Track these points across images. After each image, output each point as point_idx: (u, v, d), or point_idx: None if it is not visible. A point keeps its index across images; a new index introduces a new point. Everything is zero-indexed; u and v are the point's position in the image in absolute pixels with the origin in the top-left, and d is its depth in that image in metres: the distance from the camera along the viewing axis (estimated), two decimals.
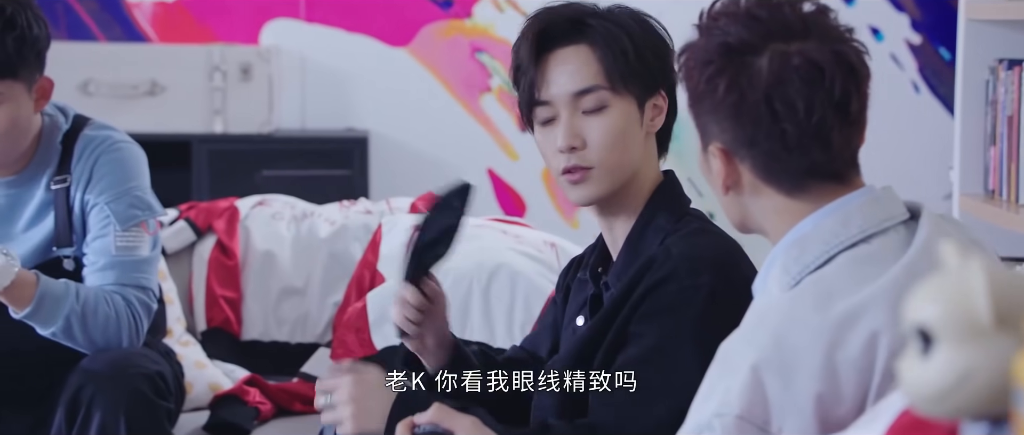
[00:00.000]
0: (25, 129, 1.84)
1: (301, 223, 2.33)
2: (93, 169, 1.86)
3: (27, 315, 1.77)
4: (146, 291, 1.85)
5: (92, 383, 1.76)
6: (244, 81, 3.12)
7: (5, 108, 1.79)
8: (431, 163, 3.38)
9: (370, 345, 1.97)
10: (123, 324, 1.81)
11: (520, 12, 3.37)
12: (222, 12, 3.32)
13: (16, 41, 1.78)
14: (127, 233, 1.85)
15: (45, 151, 1.87)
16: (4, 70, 1.78)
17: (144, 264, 1.86)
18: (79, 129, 1.89)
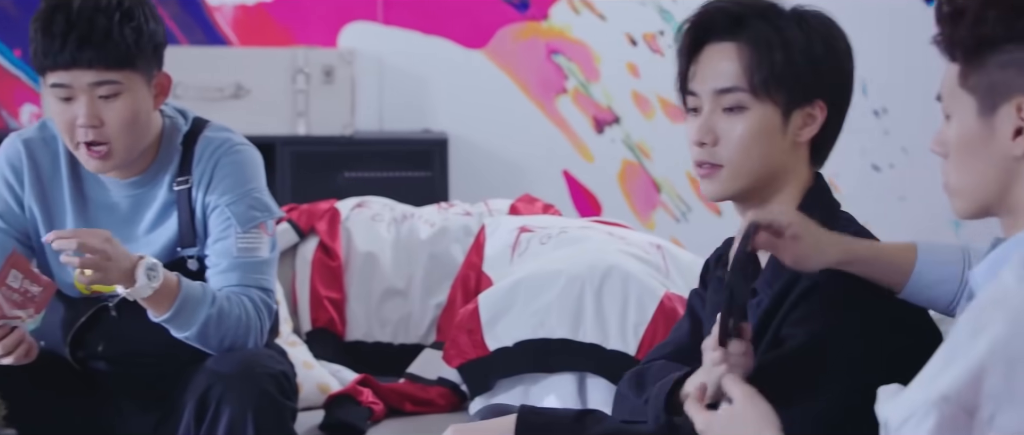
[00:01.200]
0: (146, 123, 1.86)
1: (401, 225, 2.35)
2: (213, 172, 1.89)
3: (166, 319, 1.80)
4: (268, 292, 1.88)
5: (221, 383, 1.78)
6: (327, 83, 3.16)
7: (125, 99, 1.82)
8: (507, 164, 3.40)
9: (482, 346, 1.99)
10: (251, 325, 1.84)
11: (596, 13, 3.40)
12: (302, 15, 3.35)
13: (134, 32, 1.82)
14: (247, 234, 1.88)
15: (166, 152, 1.90)
16: (123, 60, 1.81)
17: (264, 265, 1.89)
18: (198, 131, 1.92)
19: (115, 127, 1.82)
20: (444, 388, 2.10)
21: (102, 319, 1.91)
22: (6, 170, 1.92)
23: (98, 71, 1.79)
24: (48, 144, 1.93)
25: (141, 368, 1.90)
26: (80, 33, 1.78)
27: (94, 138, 1.81)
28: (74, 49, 1.78)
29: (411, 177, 3.19)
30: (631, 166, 3.44)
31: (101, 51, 1.78)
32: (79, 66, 1.79)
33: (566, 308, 1.95)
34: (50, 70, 1.81)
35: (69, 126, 1.83)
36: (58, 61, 1.79)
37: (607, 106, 3.42)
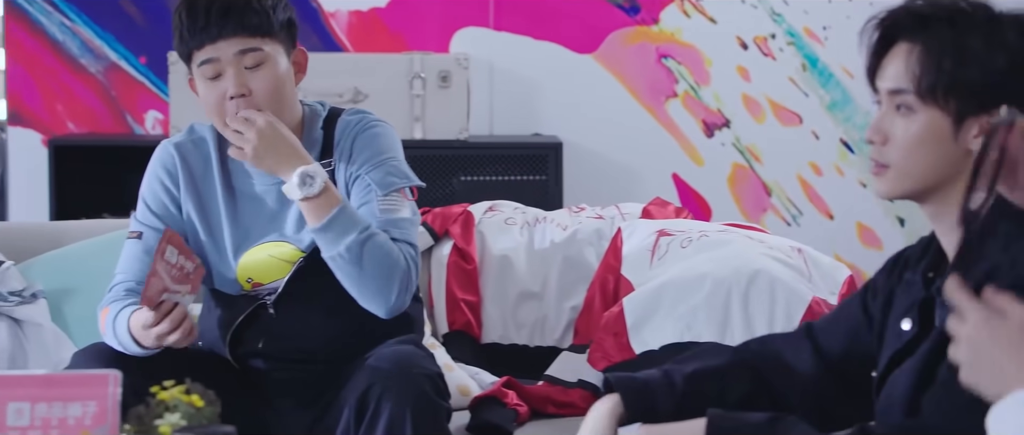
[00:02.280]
0: (289, 97, 1.93)
1: (533, 228, 2.38)
2: (353, 146, 1.95)
3: (322, 227, 1.85)
4: (414, 247, 1.93)
5: (380, 382, 1.82)
6: (442, 88, 3.20)
7: (269, 67, 1.90)
8: (617, 168, 3.42)
9: (628, 349, 2.01)
10: (398, 266, 1.88)
11: (707, 17, 3.40)
12: (415, 21, 3.40)
13: (271, 5, 1.90)
14: (388, 198, 1.93)
15: (308, 138, 1.96)
16: (263, 27, 1.89)
17: (408, 223, 1.94)
18: (336, 116, 1.99)
19: (261, 95, 1.89)
20: (585, 390, 2.12)
21: (260, 317, 1.96)
22: (162, 175, 1.99)
23: (242, 38, 1.88)
24: (198, 146, 1.99)
25: (300, 364, 1.95)
26: (221, 5, 1.87)
27: (244, 106, 1.88)
28: (218, 20, 1.87)
29: (525, 181, 3.22)
30: (741, 169, 3.44)
31: (242, 19, 1.88)
32: (224, 36, 1.87)
33: (713, 312, 1.96)
34: (197, 48, 1.89)
35: (219, 103, 1.90)
36: (204, 36, 1.88)
37: (717, 109, 3.42)
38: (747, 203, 3.44)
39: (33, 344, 2.13)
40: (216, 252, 1.96)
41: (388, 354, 1.89)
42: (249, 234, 1.96)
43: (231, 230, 1.96)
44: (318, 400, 1.95)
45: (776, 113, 3.43)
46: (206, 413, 1.25)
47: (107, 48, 3.32)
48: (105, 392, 1.24)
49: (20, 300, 2.16)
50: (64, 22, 3.30)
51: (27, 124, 3.32)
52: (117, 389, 1.25)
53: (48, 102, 3.32)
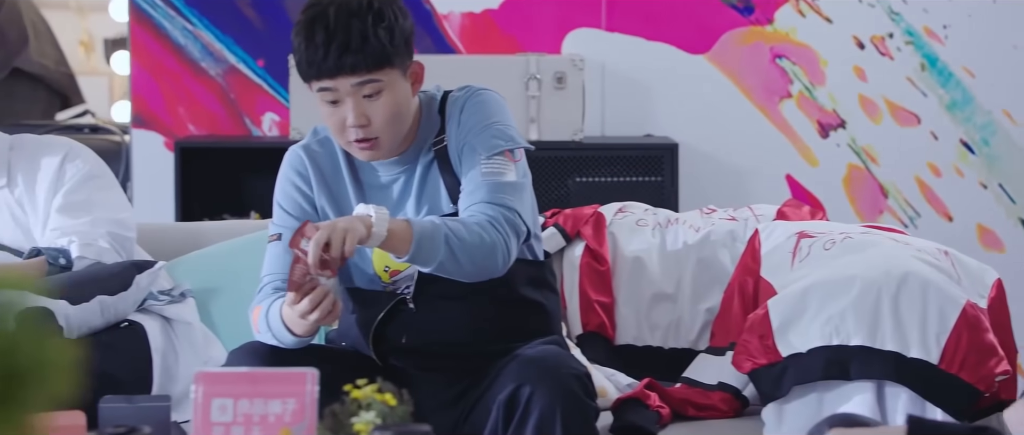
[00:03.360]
0: (407, 112, 1.95)
1: (665, 230, 2.38)
2: (461, 116, 1.97)
3: (412, 257, 1.86)
4: (513, 212, 1.91)
5: (530, 382, 1.84)
6: (558, 89, 3.21)
7: (387, 95, 1.91)
8: (729, 169, 3.41)
9: (775, 352, 2.00)
10: (495, 245, 1.87)
11: (822, 17, 3.37)
12: (527, 23, 3.42)
13: (387, 32, 1.90)
14: (491, 160, 1.93)
15: (426, 124, 1.99)
16: (381, 60, 1.90)
17: (511, 187, 1.93)
18: (449, 97, 2.01)
19: (381, 122, 1.91)
20: (725, 393, 2.12)
21: (401, 312, 1.99)
22: (294, 178, 2.03)
23: (360, 74, 1.89)
24: (324, 146, 2.03)
25: (443, 359, 1.97)
26: (339, 42, 1.87)
27: (363, 135, 1.91)
28: (336, 57, 1.87)
29: (640, 182, 3.22)
30: (857, 170, 3.40)
31: (360, 55, 1.88)
32: (342, 73, 1.88)
33: (862, 315, 1.94)
34: (315, 78, 1.91)
35: (339, 127, 1.93)
36: (322, 70, 1.89)
37: (832, 110, 3.39)
38: (862, 204, 3.41)
39: (183, 342, 2.18)
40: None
41: (536, 354, 1.90)
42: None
43: None
44: (462, 399, 1.97)
45: (893, 113, 3.39)
46: (399, 412, 1.27)
47: (226, 51, 3.38)
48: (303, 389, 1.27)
49: (170, 299, 2.21)
50: (186, 26, 3.36)
51: (150, 126, 3.39)
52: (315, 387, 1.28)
53: (170, 105, 3.39)
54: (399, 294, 1.99)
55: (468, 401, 1.96)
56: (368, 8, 1.88)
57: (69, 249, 2.11)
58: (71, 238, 2.12)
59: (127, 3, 3.38)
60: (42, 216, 2.16)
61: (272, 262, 1.99)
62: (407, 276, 1.99)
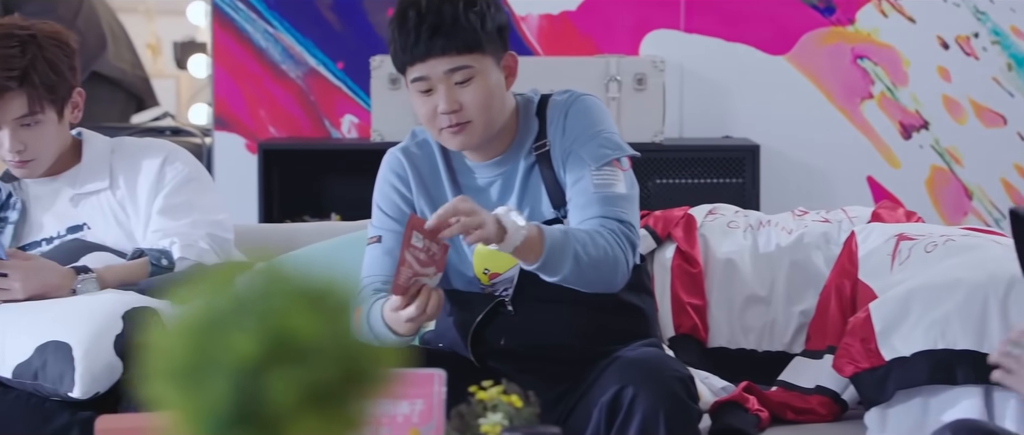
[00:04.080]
0: (500, 104, 1.95)
1: (757, 231, 2.36)
2: (565, 121, 1.97)
3: (540, 266, 1.86)
4: (628, 225, 1.92)
5: (631, 385, 1.84)
6: (638, 91, 3.20)
7: (479, 81, 1.92)
8: (809, 170, 3.38)
9: (877, 355, 1.98)
10: (616, 260, 1.88)
11: (905, 16, 3.34)
12: (605, 24, 3.41)
13: (478, 17, 1.92)
14: (601, 171, 1.94)
15: (524, 126, 2.00)
16: (472, 44, 1.91)
17: (622, 200, 1.94)
18: (548, 99, 2.02)
19: (472, 108, 1.92)
20: (824, 397, 2.10)
21: (499, 314, 1.99)
22: (394, 180, 2.04)
23: (450, 57, 1.90)
24: (422, 148, 2.04)
25: (543, 361, 1.97)
26: (430, 24, 1.89)
27: (455, 121, 1.92)
28: (427, 40, 1.89)
29: (721, 184, 3.20)
30: (940, 172, 3.36)
31: (451, 38, 1.89)
32: (433, 55, 1.90)
33: (968, 319, 1.92)
34: (409, 64, 1.93)
35: (431, 116, 1.93)
36: (415, 54, 1.91)
37: (915, 111, 3.36)
38: (946, 206, 3.36)
39: None
40: (453, 249, 2.00)
41: (638, 356, 1.90)
42: None
43: None
44: (560, 402, 1.97)
45: (978, 114, 3.34)
46: (525, 413, 1.27)
47: (307, 54, 3.41)
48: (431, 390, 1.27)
49: None
50: (268, 29, 3.39)
51: (231, 129, 3.43)
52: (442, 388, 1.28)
53: (251, 107, 3.42)
54: (498, 296, 2.00)
55: (567, 404, 1.96)
56: None
57: (171, 250, 2.13)
58: (173, 240, 2.14)
59: (209, 7, 3.42)
60: (143, 218, 2.19)
61: (371, 264, 2.00)
62: (506, 279, 1.99)
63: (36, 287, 2.01)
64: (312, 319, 0.73)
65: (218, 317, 0.71)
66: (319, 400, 0.73)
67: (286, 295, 0.75)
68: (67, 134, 2.22)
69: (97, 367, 1.92)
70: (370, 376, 0.78)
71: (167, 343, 0.75)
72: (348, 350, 0.77)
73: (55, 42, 2.16)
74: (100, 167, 2.21)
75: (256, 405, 0.70)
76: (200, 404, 0.72)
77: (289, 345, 0.72)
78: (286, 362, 0.71)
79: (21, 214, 2.22)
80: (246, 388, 0.70)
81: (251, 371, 0.70)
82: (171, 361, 0.74)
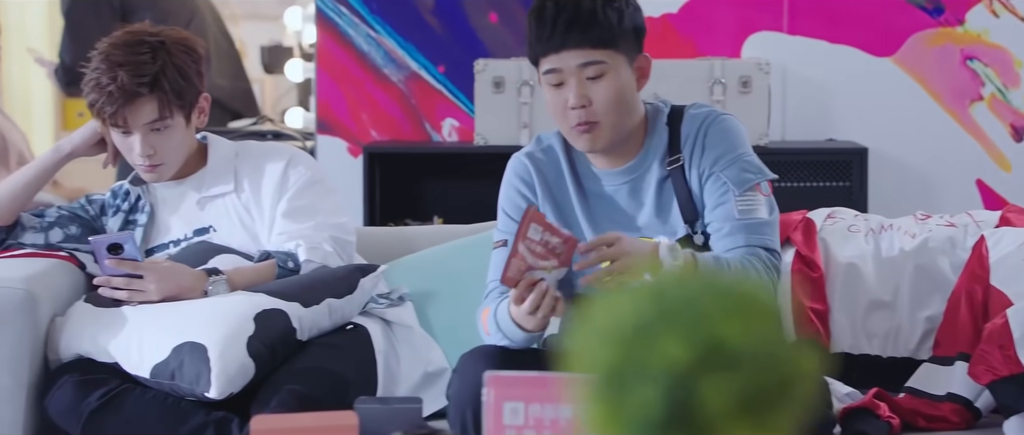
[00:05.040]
0: (630, 103, 1.95)
1: (879, 236, 2.33)
2: (703, 142, 1.95)
3: None
4: (773, 252, 1.92)
5: None
6: (743, 94, 3.18)
7: (610, 78, 1.91)
8: (919, 174, 3.33)
9: (1016, 362, 1.94)
10: (768, 290, 1.87)
11: (1018, 16, 3.27)
12: (707, 26, 3.39)
13: (616, 13, 1.92)
14: (744, 197, 1.93)
15: (653, 136, 1.98)
16: (606, 40, 1.91)
17: (765, 226, 1.93)
18: (681, 111, 2.00)
19: (602, 105, 1.91)
20: (956, 404, 2.06)
21: None
22: (519, 184, 2.04)
23: (584, 51, 1.90)
24: (548, 154, 2.04)
25: None
26: (567, 16, 1.90)
27: (585, 118, 1.92)
28: (562, 32, 1.90)
29: (827, 187, 3.16)
30: None
31: (586, 32, 1.90)
32: (567, 47, 1.90)
33: None
34: (542, 56, 1.93)
35: (561, 110, 1.93)
36: (549, 46, 1.91)
37: None
38: None
39: (404, 345, 2.21)
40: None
41: None
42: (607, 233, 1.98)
43: (590, 231, 1.99)
44: None
45: None
46: None
47: (408, 58, 3.43)
48: None
49: (389, 302, 2.24)
50: (370, 33, 3.42)
51: (333, 132, 3.46)
52: None
53: (353, 111, 3.45)
54: None
55: None
56: None
57: (296, 253, 2.16)
58: (298, 242, 2.16)
59: (314, 12, 3.46)
60: (268, 220, 2.22)
61: (497, 267, 2.00)
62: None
63: (170, 289, 2.05)
64: (741, 325, 0.73)
65: (646, 323, 0.71)
66: (751, 407, 0.73)
67: (713, 301, 0.74)
68: (193, 138, 2.25)
69: (231, 368, 1.94)
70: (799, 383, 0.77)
71: (594, 349, 0.75)
72: (778, 357, 0.77)
73: (184, 48, 2.19)
74: (225, 171, 2.25)
75: (688, 411, 0.70)
76: (630, 409, 0.72)
77: (720, 351, 0.71)
78: (718, 368, 0.71)
79: (149, 217, 2.26)
80: (677, 394, 0.70)
81: (683, 377, 0.70)
82: (599, 366, 0.74)
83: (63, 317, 2.07)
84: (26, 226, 2.22)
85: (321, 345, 2.06)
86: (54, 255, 2.19)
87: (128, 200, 2.28)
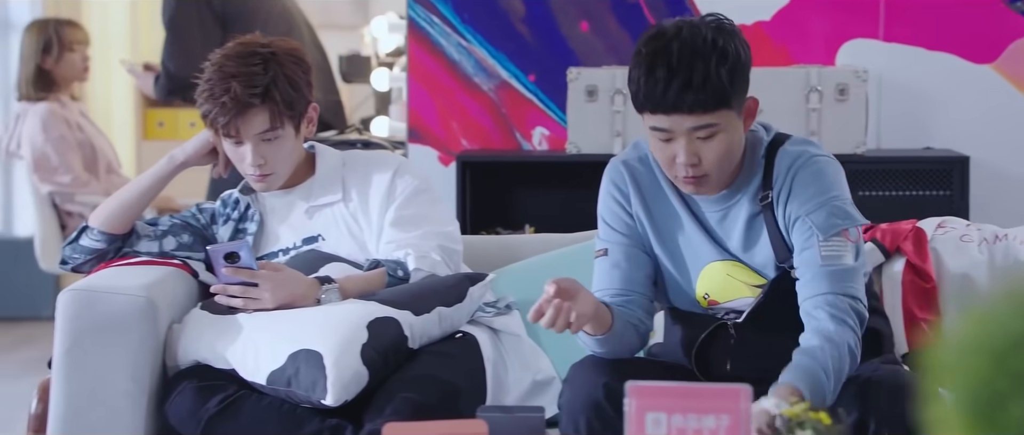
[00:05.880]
0: (737, 151, 1.93)
1: (993, 246, 2.29)
2: (792, 184, 1.92)
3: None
4: (857, 300, 1.87)
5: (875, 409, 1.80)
6: (840, 102, 3.14)
7: (721, 137, 1.88)
8: (1017, 183, 3.27)
9: None
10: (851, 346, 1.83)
11: None
12: (800, 33, 3.35)
13: (729, 73, 1.87)
14: (829, 242, 1.88)
15: (749, 166, 1.96)
16: (720, 102, 1.86)
17: (850, 273, 1.88)
18: (779, 144, 1.97)
19: (711, 162, 1.89)
20: None
21: (721, 337, 1.96)
22: (615, 192, 2.03)
23: (697, 116, 1.85)
24: (643, 163, 2.02)
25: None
26: (681, 81, 1.84)
27: (693, 173, 1.90)
28: (675, 95, 1.84)
29: (926, 196, 3.11)
30: None
31: (700, 96, 1.84)
32: (679, 111, 1.85)
33: None
34: (651, 112, 1.89)
35: (669, 163, 1.91)
36: (659, 105, 1.86)
37: None
38: None
39: (512, 354, 2.21)
40: (675, 267, 1.98)
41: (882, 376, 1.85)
42: (701, 252, 1.97)
43: (685, 246, 1.98)
44: None
45: None
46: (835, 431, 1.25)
47: (499, 67, 3.44)
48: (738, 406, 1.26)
49: (496, 311, 2.24)
50: (461, 43, 3.43)
51: (424, 141, 3.47)
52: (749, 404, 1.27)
53: (444, 120, 3.46)
54: (720, 318, 1.97)
55: None
56: (713, 48, 1.85)
57: (405, 262, 2.17)
58: (406, 251, 2.17)
59: (396, 21, 3.48)
60: (376, 229, 2.23)
61: (601, 278, 1.99)
62: (728, 309, 1.96)
63: (284, 297, 2.07)
64: None
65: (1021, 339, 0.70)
66: None
67: None
68: (301, 148, 2.27)
69: (346, 375, 1.95)
70: None
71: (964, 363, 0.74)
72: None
73: (294, 59, 2.21)
74: (333, 180, 2.26)
75: None
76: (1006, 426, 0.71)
77: None
78: None
79: (259, 226, 2.28)
80: None
81: None
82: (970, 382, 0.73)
83: (180, 324, 2.10)
84: (141, 234, 2.25)
85: (431, 353, 2.07)
86: (168, 263, 2.22)
87: (238, 209, 2.31)
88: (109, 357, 1.98)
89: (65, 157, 4.19)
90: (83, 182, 4.22)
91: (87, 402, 1.97)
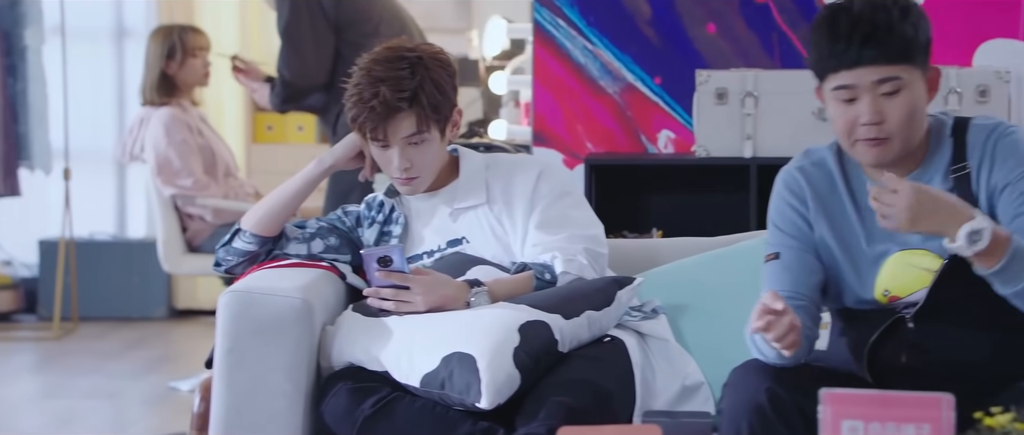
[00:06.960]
0: (922, 119, 1.91)
1: None
2: (993, 154, 1.90)
3: (996, 271, 1.80)
4: None
5: None
6: (980, 103, 3.06)
7: (905, 94, 1.87)
8: None
9: None
10: None
11: None
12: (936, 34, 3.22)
13: (912, 28, 1.88)
14: None
15: (936, 143, 1.94)
16: (903, 55, 1.87)
17: None
18: (965, 124, 1.95)
19: (895, 122, 1.87)
20: None
21: (898, 331, 1.92)
22: (790, 198, 2.00)
23: (880, 67, 1.85)
24: (818, 167, 2.01)
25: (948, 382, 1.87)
26: (863, 31, 1.85)
27: (876, 134, 1.88)
28: (858, 47, 1.85)
29: None
30: None
31: (883, 47, 1.85)
32: (863, 63, 1.85)
33: None
34: (833, 71, 1.88)
35: (849, 126, 1.89)
36: (843, 61, 1.86)
37: None
38: None
39: (660, 358, 2.19)
40: (853, 270, 1.95)
41: None
42: (884, 246, 1.93)
43: (867, 244, 1.94)
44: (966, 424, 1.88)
45: None
46: None
47: (624, 69, 3.42)
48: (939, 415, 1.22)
49: (643, 315, 2.22)
50: (586, 46, 3.42)
51: (549, 144, 3.47)
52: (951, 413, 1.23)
53: (569, 123, 3.45)
54: (897, 312, 1.93)
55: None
56: (895, 3, 1.87)
57: (552, 265, 2.16)
58: (554, 254, 2.17)
59: (530, 26, 3.48)
60: (520, 232, 2.23)
61: (772, 280, 1.96)
62: (907, 304, 1.92)
63: (435, 300, 2.07)
64: None
65: None
66: None
67: None
68: (446, 151, 2.28)
69: (499, 378, 1.95)
70: None
71: None
72: None
73: (439, 63, 2.22)
74: (476, 183, 2.27)
75: None
76: None
77: None
78: None
79: (404, 228, 2.30)
80: None
81: None
82: None
83: (333, 326, 2.11)
84: (290, 237, 2.28)
85: (581, 357, 2.06)
86: (317, 265, 2.25)
87: (383, 212, 2.33)
88: (267, 357, 2.01)
89: (187, 161, 4.27)
90: (203, 185, 4.30)
91: (247, 402, 2.00)
